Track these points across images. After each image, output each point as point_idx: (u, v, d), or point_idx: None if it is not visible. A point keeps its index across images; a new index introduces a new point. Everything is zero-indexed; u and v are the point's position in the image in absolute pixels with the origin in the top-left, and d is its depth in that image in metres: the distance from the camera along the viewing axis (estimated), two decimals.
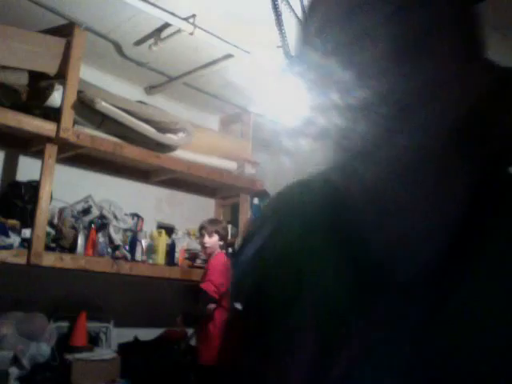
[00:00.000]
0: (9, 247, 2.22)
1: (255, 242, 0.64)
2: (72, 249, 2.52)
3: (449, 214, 0.49)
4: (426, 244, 0.49)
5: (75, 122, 2.49)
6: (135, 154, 2.74)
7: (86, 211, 2.71)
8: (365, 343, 0.48)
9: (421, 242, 0.50)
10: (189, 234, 3.29)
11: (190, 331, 2.90)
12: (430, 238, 0.49)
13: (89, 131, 2.56)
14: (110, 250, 2.68)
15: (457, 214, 0.49)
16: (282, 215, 0.64)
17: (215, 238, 2.76)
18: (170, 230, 3.16)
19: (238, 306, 0.66)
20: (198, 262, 3.09)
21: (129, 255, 2.74)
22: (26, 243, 2.30)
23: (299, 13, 1.88)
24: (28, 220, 2.34)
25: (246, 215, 3.39)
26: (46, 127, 2.38)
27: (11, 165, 2.66)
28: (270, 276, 0.61)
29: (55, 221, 2.58)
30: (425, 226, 0.50)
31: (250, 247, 0.65)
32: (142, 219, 3.01)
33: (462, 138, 0.49)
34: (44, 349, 2.28)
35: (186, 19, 2.45)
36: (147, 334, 2.81)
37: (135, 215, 2.98)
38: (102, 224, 2.71)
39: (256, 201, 3.48)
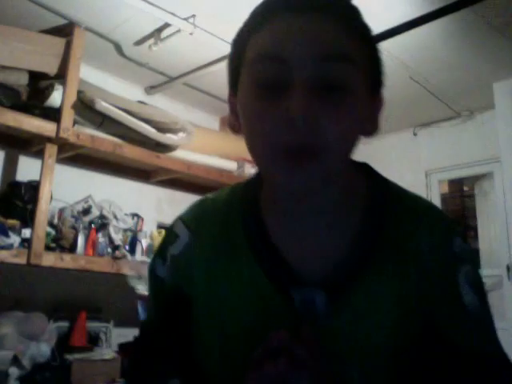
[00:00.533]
0: (9, 247, 2.21)
1: (173, 251, 0.71)
2: (72, 249, 2.51)
3: (342, 235, 0.63)
4: (326, 255, 0.62)
5: (75, 122, 2.49)
6: (135, 153, 2.74)
7: (86, 211, 2.71)
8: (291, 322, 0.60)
9: (322, 254, 0.63)
10: None
11: None
12: (329, 251, 0.63)
13: (89, 131, 2.56)
14: (110, 250, 2.68)
15: (348, 236, 0.62)
16: (197, 226, 0.70)
17: None
18: None
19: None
20: None
21: (129, 255, 2.74)
22: (26, 243, 2.29)
23: None
24: (28, 220, 2.34)
25: None
26: (46, 127, 2.38)
27: (11, 165, 2.65)
28: (188, 280, 0.68)
29: (55, 221, 2.58)
30: (324, 241, 0.63)
31: (167, 255, 0.71)
32: (142, 219, 3.01)
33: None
34: (44, 349, 2.28)
35: (186, 19, 2.45)
36: None
37: (135, 215, 2.98)
38: (102, 224, 2.71)
39: None
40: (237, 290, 0.65)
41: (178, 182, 3.24)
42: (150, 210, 3.16)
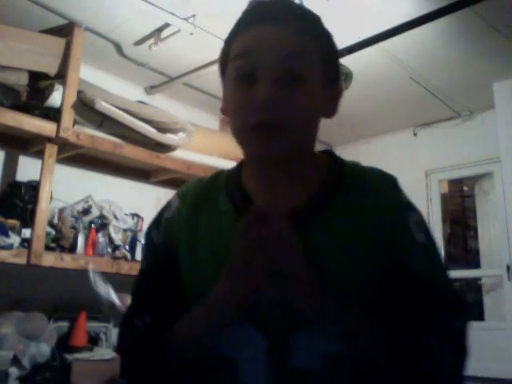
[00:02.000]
0: (9, 247, 2.21)
1: (165, 215, 0.84)
2: (72, 249, 2.52)
3: (308, 189, 0.76)
4: (294, 201, 0.74)
5: (75, 122, 2.49)
6: (135, 154, 2.74)
7: (86, 211, 2.71)
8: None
9: (290, 201, 0.74)
10: None
11: None
12: (296, 199, 0.75)
13: (89, 131, 2.56)
14: (110, 249, 2.68)
15: (313, 188, 0.76)
16: (185, 193, 0.84)
17: None
18: None
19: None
20: None
21: (129, 255, 2.74)
22: (26, 243, 2.30)
23: None
24: (28, 220, 2.34)
25: None
26: (46, 127, 2.38)
27: (11, 165, 2.66)
28: (177, 239, 0.80)
29: (55, 221, 2.58)
30: (293, 194, 0.76)
31: (161, 220, 0.84)
32: (142, 219, 3.01)
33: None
34: (44, 349, 2.28)
35: (186, 19, 2.45)
36: None
37: (135, 215, 2.98)
38: (102, 224, 2.71)
39: None
40: (218, 236, 0.77)
41: (178, 181, 3.23)
42: (149, 210, 3.15)
